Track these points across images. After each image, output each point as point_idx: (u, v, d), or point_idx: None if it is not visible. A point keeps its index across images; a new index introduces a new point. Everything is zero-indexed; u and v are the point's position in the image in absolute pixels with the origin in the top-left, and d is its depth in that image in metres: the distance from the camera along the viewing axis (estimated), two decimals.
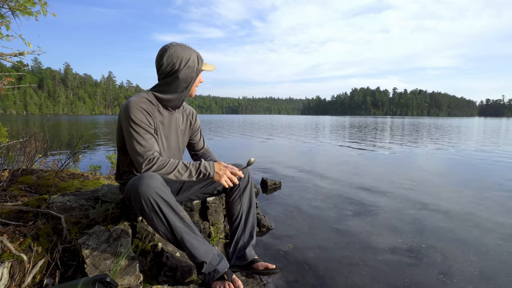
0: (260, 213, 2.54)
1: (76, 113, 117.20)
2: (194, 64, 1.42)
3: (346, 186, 3.76)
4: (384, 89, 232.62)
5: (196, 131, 1.77)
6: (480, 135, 13.55)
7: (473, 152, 7.24)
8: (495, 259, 1.87)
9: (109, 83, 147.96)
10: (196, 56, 1.44)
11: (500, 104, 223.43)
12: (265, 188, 3.57)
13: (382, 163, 5.72)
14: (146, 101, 1.42)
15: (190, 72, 1.42)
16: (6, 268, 1.14)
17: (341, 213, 2.72)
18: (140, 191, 1.21)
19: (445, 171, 4.95)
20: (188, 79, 1.43)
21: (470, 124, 29.77)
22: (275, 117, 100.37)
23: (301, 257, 1.86)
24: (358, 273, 1.69)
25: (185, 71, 1.40)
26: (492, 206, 2.97)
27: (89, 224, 1.56)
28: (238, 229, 1.59)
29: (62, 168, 2.31)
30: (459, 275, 1.68)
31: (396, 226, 2.39)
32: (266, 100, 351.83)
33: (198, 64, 1.44)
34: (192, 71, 1.43)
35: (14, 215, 1.52)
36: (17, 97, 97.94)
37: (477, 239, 2.16)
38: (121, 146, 1.49)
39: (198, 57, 1.44)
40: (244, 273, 1.53)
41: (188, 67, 1.40)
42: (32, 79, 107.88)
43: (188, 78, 1.43)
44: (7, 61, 1.67)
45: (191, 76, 1.44)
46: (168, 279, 1.40)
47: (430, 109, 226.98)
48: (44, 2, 1.63)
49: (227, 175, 1.41)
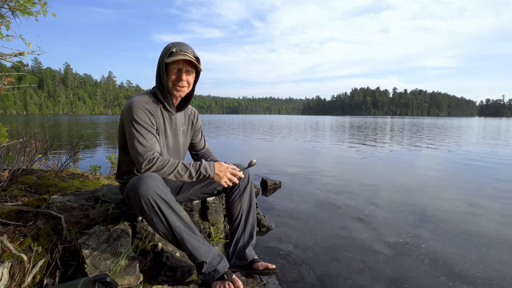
0: (260, 213, 2.54)
1: (76, 113, 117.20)
2: (162, 57, 1.39)
3: (347, 186, 3.76)
4: (384, 89, 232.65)
5: (197, 131, 1.76)
6: (480, 135, 13.55)
7: (473, 152, 7.24)
8: (496, 259, 1.87)
9: (109, 83, 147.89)
10: (168, 49, 1.37)
11: (500, 104, 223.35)
12: (265, 188, 3.57)
13: (382, 163, 5.72)
14: (149, 101, 1.42)
15: (159, 66, 1.42)
16: (6, 268, 1.14)
17: (341, 213, 2.72)
18: (140, 191, 1.20)
19: (446, 171, 4.94)
20: (158, 74, 1.44)
21: (470, 124, 29.76)
22: (275, 117, 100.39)
23: (301, 257, 1.86)
24: (358, 273, 1.69)
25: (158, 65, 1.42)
26: (492, 206, 2.96)
27: (89, 224, 1.56)
28: (238, 229, 1.59)
29: (62, 168, 2.31)
30: (459, 275, 1.68)
31: (396, 226, 2.39)
32: (266, 100, 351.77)
33: (164, 57, 1.37)
34: (160, 65, 1.42)
35: (14, 215, 1.52)
36: (17, 97, 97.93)
37: (478, 239, 2.16)
38: (122, 145, 1.49)
39: (170, 50, 1.36)
40: (244, 273, 1.53)
41: (161, 61, 1.40)
42: (32, 79, 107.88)
43: (158, 72, 1.44)
44: (7, 61, 1.67)
45: (158, 70, 1.43)
46: (168, 279, 1.40)
47: (430, 109, 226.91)
48: (44, 2, 1.63)
49: (227, 176, 1.41)
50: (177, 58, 1.35)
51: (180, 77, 1.41)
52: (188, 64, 1.42)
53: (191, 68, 1.44)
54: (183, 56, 1.37)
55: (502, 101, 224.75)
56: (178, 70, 1.41)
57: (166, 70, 1.41)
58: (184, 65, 1.41)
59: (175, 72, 1.41)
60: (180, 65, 1.41)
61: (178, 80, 1.42)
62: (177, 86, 1.43)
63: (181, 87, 1.44)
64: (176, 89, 1.44)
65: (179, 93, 1.45)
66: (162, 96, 1.45)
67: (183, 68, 1.41)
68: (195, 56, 1.44)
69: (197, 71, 1.50)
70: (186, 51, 1.39)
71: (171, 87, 1.43)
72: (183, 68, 1.41)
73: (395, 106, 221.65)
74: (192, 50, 1.43)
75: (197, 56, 1.45)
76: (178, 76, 1.42)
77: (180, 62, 1.40)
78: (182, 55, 1.37)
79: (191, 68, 1.44)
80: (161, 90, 1.45)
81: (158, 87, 1.45)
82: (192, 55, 1.42)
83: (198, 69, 1.47)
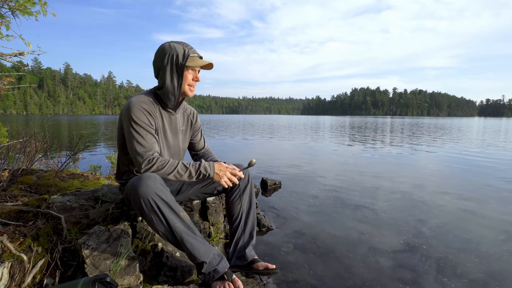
0: (260, 213, 2.54)
1: (76, 113, 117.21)
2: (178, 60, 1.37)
3: (347, 186, 3.76)
4: (384, 89, 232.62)
5: (196, 131, 1.77)
6: (480, 135, 13.56)
7: (474, 152, 7.24)
8: (497, 259, 1.87)
9: (109, 83, 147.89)
10: (183, 51, 1.37)
11: (500, 104, 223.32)
12: (265, 188, 3.57)
13: (382, 163, 5.72)
14: (148, 101, 1.42)
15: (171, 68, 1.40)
16: (6, 268, 1.14)
17: (341, 213, 2.72)
18: (140, 192, 1.21)
19: (446, 171, 4.94)
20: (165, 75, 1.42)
21: (470, 124, 29.76)
22: (275, 117, 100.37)
23: (301, 257, 1.86)
24: (359, 273, 1.69)
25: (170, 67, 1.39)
26: (493, 206, 2.96)
27: (89, 224, 1.56)
28: (238, 229, 1.59)
29: (62, 168, 2.31)
30: (460, 275, 1.68)
31: (396, 226, 2.39)
32: (266, 100, 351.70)
33: (182, 60, 1.37)
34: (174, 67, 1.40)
35: (14, 215, 1.52)
36: (17, 97, 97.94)
37: (478, 239, 2.16)
38: (121, 146, 1.49)
39: (185, 52, 1.37)
40: (244, 273, 1.53)
41: (178, 64, 1.38)
42: (32, 79, 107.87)
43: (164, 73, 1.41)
44: (7, 61, 1.67)
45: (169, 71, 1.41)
46: (168, 279, 1.40)
47: (430, 109, 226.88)
48: (44, 2, 1.63)
49: (227, 176, 1.41)
50: (202, 63, 1.40)
51: (197, 78, 1.47)
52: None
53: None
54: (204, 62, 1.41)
55: (502, 101, 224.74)
56: (194, 71, 1.45)
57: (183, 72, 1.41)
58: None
59: (192, 74, 1.45)
60: (197, 67, 1.45)
61: (195, 81, 1.47)
62: (192, 87, 1.48)
63: (194, 88, 1.50)
64: (191, 90, 1.48)
65: (193, 93, 1.50)
66: (165, 97, 1.44)
67: (197, 69, 1.46)
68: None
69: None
70: (197, 52, 1.44)
71: (187, 89, 1.46)
72: (196, 69, 1.46)
73: (395, 106, 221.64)
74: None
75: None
76: (195, 77, 1.46)
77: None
78: (202, 61, 1.42)
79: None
80: (170, 92, 1.42)
81: (162, 87, 1.43)
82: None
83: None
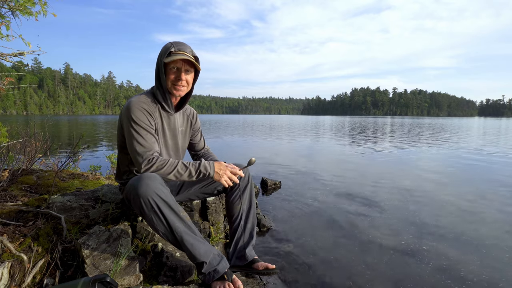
0: (260, 213, 2.54)
1: (76, 113, 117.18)
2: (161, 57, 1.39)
3: (346, 186, 3.76)
4: (384, 89, 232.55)
5: (196, 131, 1.77)
6: (481, 135, 13.55)
7: (474, 152, 7.24)
8: (497, 259, 1.87)
9: (109, 83, 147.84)
10: (167, 48, 1.37)
11: (500, 104, 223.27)
12: (265, 188, 3.56)
13: (382, 163, 5.72)
14: (147, 101, 1.42)
15: (157, 66, 1.42)
16: (6, 268, 1.14)
17: (341, 213, 2.72)
18: (140, 192, 1.20)
19: (446, 171, 4.94)
20: (157, 74, 1.44)
21: (470, 124, 29.75)
22: (275, 117, 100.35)
23: (301, 257, 1.86)
24: (359, 273, 1.68)
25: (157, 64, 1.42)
26: (493, 206, 2.96)
27: (89, 224, 1.56)
28: (238, 229, 1.59)
29: (62, 168, 2.31)
30: (460, 275, 1.68)
31: (396, 226, 2.39)
32: (266, 100, 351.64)
33: (163, 56, 1.37)
34: (158, 65, 1.42)
35: (14, 215, 1.52)
36: (17, 97, 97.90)
37: (479, 240, 2.16)
38: (121, 146, 1.49)
39: (168, 50, 1.36)
40: (244, 273, 1.53)
41: (160, 61, 1.40)
42: (32, 79, 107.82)
43: (157, 72, 1.44)
44: (7, 61, 1.67)
45: (157, 70, 1.43)
46: (168, 279, 1.40)
47: (430, 109, 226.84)
48: (44, 2, 1.63)
49: (227, 175, 1.41)
50: (176, 58, 1.36)
51: (179, 76, 1.42)
52: (187, 64, 1.43)
53: (190, 67, 1.45)
54: (182, 56, 1.37)
55: (502, 101, 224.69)
56: (177, 69, 1.42)
57: (165, 69, 1.42)
58: (183, 65, 1.42)
59: (174, 72, 1.42)
60: (179, 65, 1.41)
61: (178, 79, 1.43)
62: (176, 86, 1.44)
63: (180, 87, 1.45)
64: (176, 88, 1.44)
65: (179, 92, 1.46)
66: (161, 96, 1.46)
67: (182, 67, 1.42)
68: (193, 55, 1.44)
69: (196, 71, 1.51)
70: (184, 50, 1.39)
71: (170, 86, 1.44)
72: (182, 68, 1.42)
73: (395, 106, 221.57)
74: (191, 50, 1.43)
75: (196, 55, 1.46)
76: (178, 75, 1.42)
77: (179, 61, 1.40)
78: (181, 55, 1.37)
79: (190, 67, 1.45)
80: (160, 90, 1.45)
81: (158, 87, 1.46)
82: (191, 54, 1.42)
83: (197, 68, 1.48)
